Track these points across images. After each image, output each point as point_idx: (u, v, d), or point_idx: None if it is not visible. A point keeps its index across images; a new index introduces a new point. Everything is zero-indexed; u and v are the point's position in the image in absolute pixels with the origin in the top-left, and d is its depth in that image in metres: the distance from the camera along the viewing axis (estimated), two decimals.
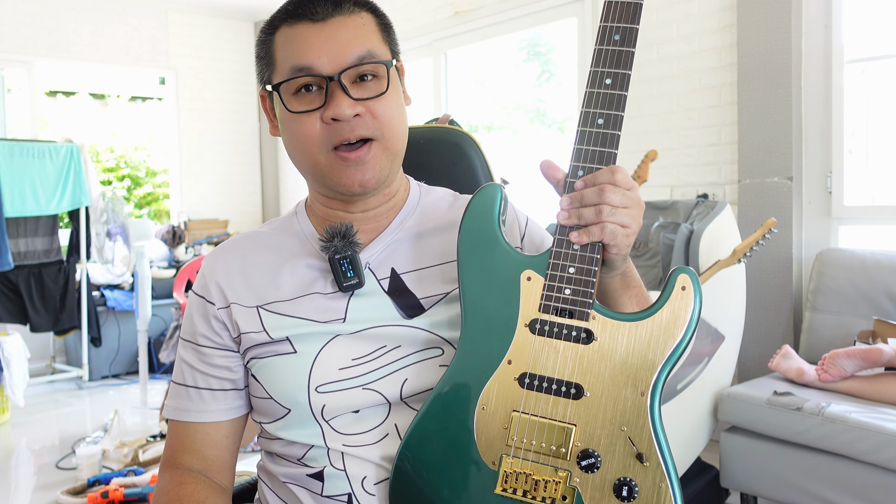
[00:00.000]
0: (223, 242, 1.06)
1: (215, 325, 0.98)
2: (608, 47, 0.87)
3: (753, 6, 3.03)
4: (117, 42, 5.45)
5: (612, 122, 0.88)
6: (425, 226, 1.03)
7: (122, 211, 4.50)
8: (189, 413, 0.99)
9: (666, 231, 2.75)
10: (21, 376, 3.84)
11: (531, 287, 0.87)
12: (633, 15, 0.87)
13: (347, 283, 0.95)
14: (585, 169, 0.88)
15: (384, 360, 0.94)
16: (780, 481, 2.27)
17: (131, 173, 7.18)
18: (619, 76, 0.86)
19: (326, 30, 0.91)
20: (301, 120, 0.92)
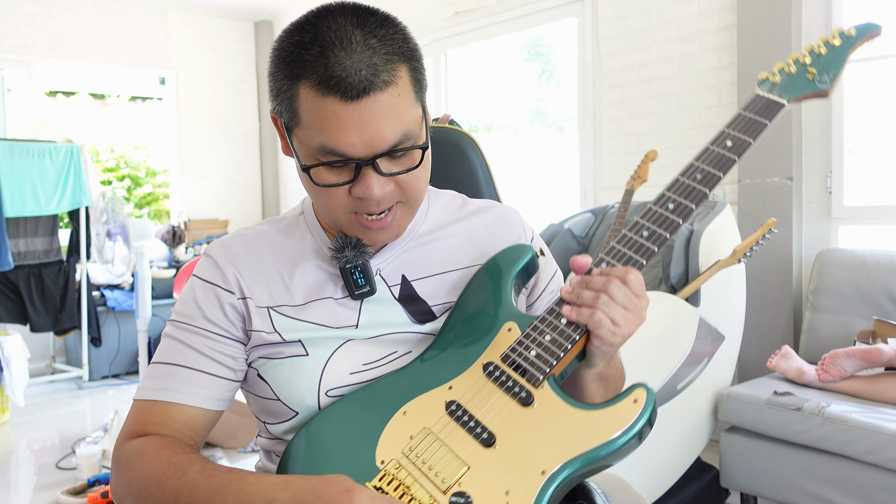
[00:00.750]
0: (229, 236, 1.02)
1: (230, 314, 0.95)
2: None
3: (753, 6, 3.03)
4: (117, 42, 5.45)
5: (655, 240, 0.90)
6: (435, 232, 1.04)
7: (122, 211, 4.50)
8: (175, 393, 0.92)
9: None
10: (21, 376, 3.84)
11: (507, 336, 0.91)
12: (752, 129, 0.93)
13: (359, 291, 0.95)
14: (609, 263, 0.91)
15: (395, 364, 0.94)
16: (780, 481, 2.27)
17: (131, 173, 7.18)
18: (689, 201, 0.92)
19: (361, 111, 0.82)
20: (327, 191, 0.88)
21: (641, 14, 3.51)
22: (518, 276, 0.97)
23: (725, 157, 0.93)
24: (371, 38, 0.82)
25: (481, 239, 1.05)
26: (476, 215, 1.08)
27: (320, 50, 0.81)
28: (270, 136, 6.21)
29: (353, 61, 0.81)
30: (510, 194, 4.75)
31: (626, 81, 3.60)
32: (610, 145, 3.70)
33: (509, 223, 1.08)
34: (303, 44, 0.83)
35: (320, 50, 0.81)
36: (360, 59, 0.81)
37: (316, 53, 0.81)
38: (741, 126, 0.95)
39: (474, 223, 1.06)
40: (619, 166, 3.64)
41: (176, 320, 0.97)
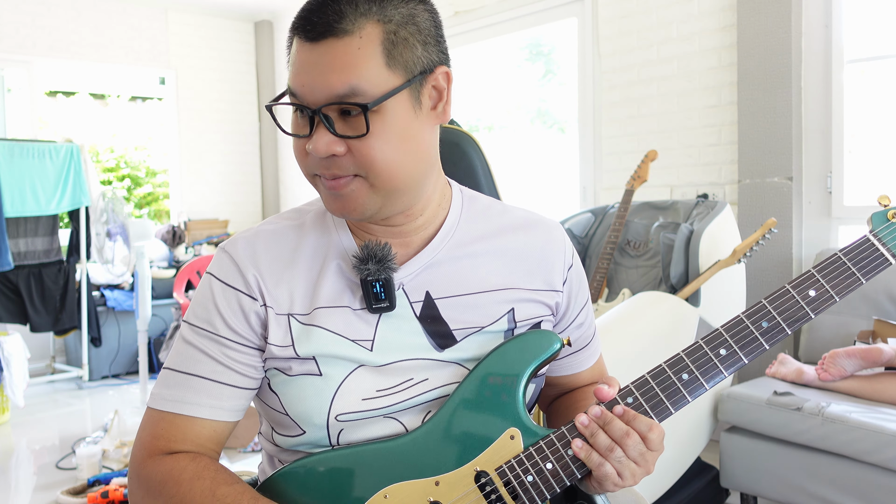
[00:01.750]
0: (249, 232, 0.96)
1: (253, 322, 0.90)
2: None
3: (753, 6, 3.03)
4: (117, 42, 5.45)
5: (692, 389, 0.85)
6: (468, 247, 0.95)
7: (122, 211, 4.50)
8: (199, 407, 0.89)
9: (666, 231, 2.74)
10: (21, 376, 3.83)
11: (508, 446, 0.86)
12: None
13: (378, 305, 0.89)
14: (636, 401, 0.85)
15: (409, 392, 0.89)
16: (780, 481, 2.27)
17: (131, 173, 7.18)
18: (743, 350, 0.86)
19: (315, 54, 0.81)
20: (295, 141, 0.87)
21: (641, 14, 3.51)
22: (538, 368, 0.90)
23: (801, 312, 0.84)
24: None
25: (518, 261, 0.96)
26: (518, 231, 0.99)
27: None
28: (270, 136, 6.21)
29: (322, 4, 0.81)
30: (510, 194, 4.75)
31: (626, 81, 3.60)
32: (610, 145, 3.70)
33: (549, 251, 0.99)
34: None
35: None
36: (332, 4, 0.81)
37: (304, 4, 0.83)
38: (832, 273, 0.85)
39: (515, 240, 0.98)
40: (619, 166, 3.64)
41: (195, 325, 0.92)
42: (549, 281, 0.97)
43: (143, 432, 0.91)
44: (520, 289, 0.95)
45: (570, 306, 1.01)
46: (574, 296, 1.01)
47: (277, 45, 6.12)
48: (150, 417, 0.91)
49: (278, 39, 6.11)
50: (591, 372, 1.08)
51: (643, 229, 2.89)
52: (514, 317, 0.94)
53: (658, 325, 2.27)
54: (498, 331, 0.93)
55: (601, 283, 2.83)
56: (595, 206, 3.65)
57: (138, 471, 0.89)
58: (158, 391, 0.91)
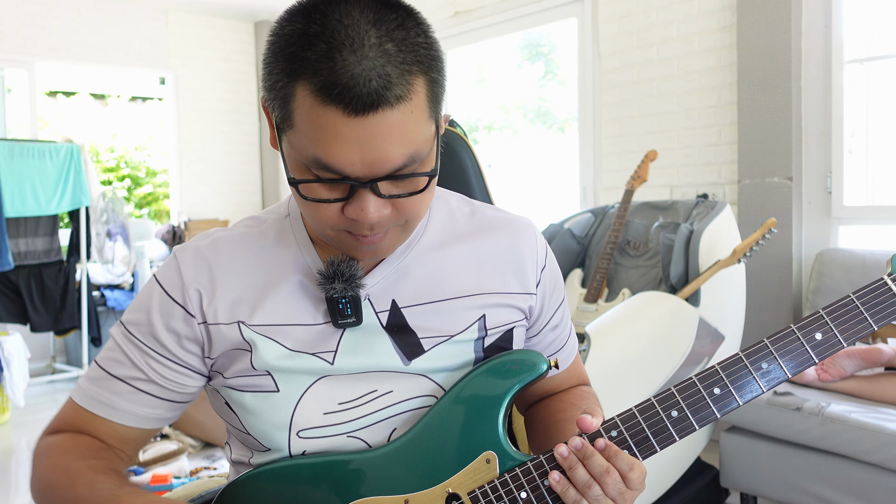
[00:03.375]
0: (203, 239, 0.90)
1: (184, 341, 0.86)
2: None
3: (753, 6, 3.03)
4: (117, 42, 5.45)
5: (682, 428, 0.81)
6: (436, 252, 0.90)
7: (123, 211, 4.50)
8: (108, 409, 0.87)
9: (666, 231, 2.75)
10: (21, 376, 3.84)
11: (482, 469, 0.83)
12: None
13: (343, 321, 0.84)
14: (620, 434, 0.82)
15: (373, 406, 0.85)
16: (780, 481, 2.27)
17: (131, 173, 7.19)
18: (739, 392, 0.82)
19: (365, 128, 0.69)
20: (317, 205, 0.76)
21: (641, 14, 3.51)
22: (521, 390, 0.85)
23: (804, 356, 0.81)
24: (387, 41, 0.69)
25: (484, 264, 0.91)
26: (487, 233, 0.93)
27: (326, 48, 0.68)
28: None
29: (364, 69, 0.68)
30: (510, 194, 4.75)
31: (626, 81, 3.60)
32: (610, 145, 3.70)
33: (521, 252, 0.93)
34: (307, 36, 0.69)
35: (326, 48, 0.68)
36: (372, 66, 0.68)
37: (321, 52, 0.68)
38: (842, 316, 0.81)
39: (485, 243, 0.92)
40: (619, 166, 3.64)
41: (127, 326, 0.88)
42: (522, 283, 0.92)
43: (56, 416, 0.91)
44: (490, 293, 0.90)
45: (544, 308, 0.96)
46: (548, 297, 0.96)
47: None
48: (67, 405, 0.90)
49: None
50: (569, 373, 1.03)
51: (643, 229, 2.89)
52: (486, 324, 0.89)
53: (658, 325, 2.27)
54: (468, 339, 0.88)
55: (601, 283, 2.83)
56: (595, 206, 3.65)
57: (36, 447, 0.90)
58: (82, 382, 0.89)
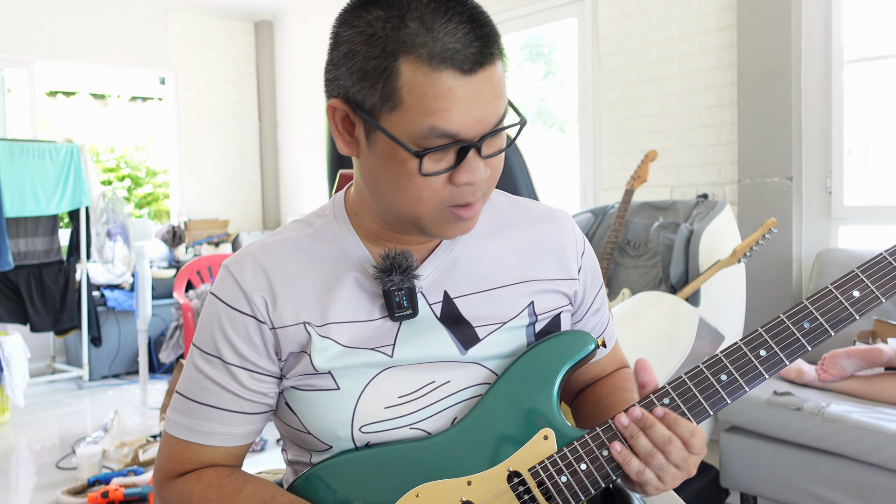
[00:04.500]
0: (253, 248, 0.92)
1: (261, 349, 0.88)
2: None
3: (753, 6, 3.03)
4: (117, 42, 5.45)
5: (731, 390, 0.83)
6: (479, 242, 0.94)
7: (122, 211, 4.50)
8: (212, 436, 0.89)
9: (666, 231, 2.75)
10: (21, 376, 3.84)
11: (541, 446, 0.84)
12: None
13: (400, 313, 0.86)
14: (673, 402, 0.83)
15: (432, 397, 0.87)
16: (780, 481, 2.27)
17: (131, 173, 7.18)
18: (785, 352, 0.83)
19: (475, 84, 0.75)
20: (427, 180, 0.79)
21: (641, 14, 3.51)
22: (572, 369, 0.88)
23: (845, 313, 0.82)
24: (469, 6, 0.77)
25: (529, 253, 0.95)
26: (528, 223, 0.97)
27: (420, 23, 0.74)
28: (270, 136, 6.21)
29: (465, 32, 0.74)
30: None
31: (626, 81, 3.60)
32: (610, 145, 3.70)
33: (561, 240, 0.97)
34: (393, 17, 0.75)
35: (420, 23, 0.74)
36: (470, 30, 0.75)
37: (416, 27, 0.74)
38: (878, 273, 0.83)
39: (526, 233, 0.96)
40: (619, 166, 3.64)
41: (203, 350, 0.89)
42: (565, 269, 0.96)
43: (160, 455, 0.92)
44: (537, 280, 0.93)
45: (587, 293, 1.00)
46: (589, 282, 1.00)
47: (277, 45, 6.12)
48: (166, 441, 0.92)
49: (278, 39, 6.11)
50: (611, 357, 1.06)
51: (643, 229, 2.89)
52: (535, 310, 0.92)
53: (658, 324, 2.27)
54: (519, 326, 0.91)
55: None
56: (595, 206, 3.65)
57: (158, 493, 0.92)
58: (173, 416, 0.91)
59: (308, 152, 5.90)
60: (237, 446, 0.91)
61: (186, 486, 0.88)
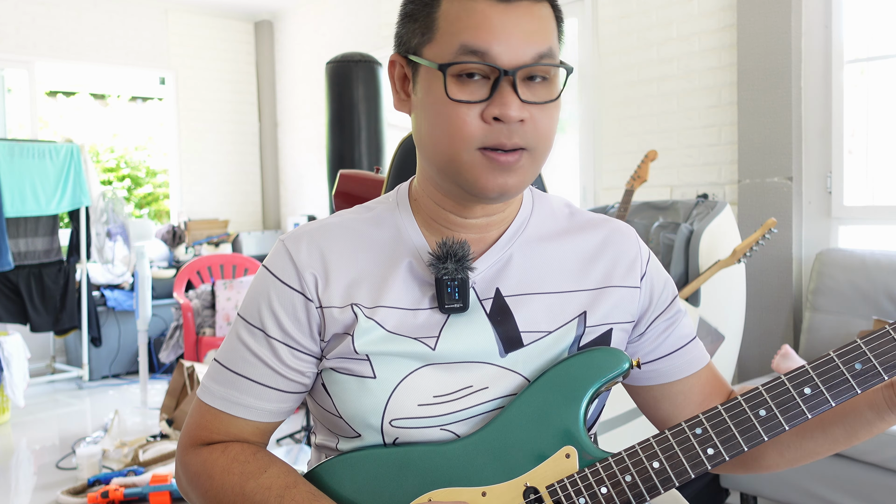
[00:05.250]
0: (311, 226, 0.92)
1: (306, 327, 0.88)
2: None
3: (753, 6, 3.03)
4: (117, 42, 5.45)
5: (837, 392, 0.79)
6: (539, 244, 0.92)
7: (122, 211, 4.50)
8: (245, 409, 0.89)
9: (666, 231, 2.75)
10: (21, 376, 3.84)
11: (562, 464, 0.82)
12: None
13: (450, 305, 0.85)
14: (706, 432, 0.82)
15: (467, 401, 0.85)
16: (780, 481, 2.27)
17: (131, 173, 7.18)
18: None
19: (511, 13, 0.78)
20: (458, 110, 0.79)
21: (641, 14, 3.51)
22: (602, 387, 0.85)
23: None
24: None
25: (591, 262, 0.92)
26: (587, 230, 0.95)
27: None
28: (270, 136, 6.21)
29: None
30: None
31: (626, 81, 3.60)
32: (610, 145, 3.70)
33: (623, 247, 0.94)
34: None
35: None
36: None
37: None
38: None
39: (585, 240, 0.94)
40: (619, 166, 3.64)
41: (248, 321, 0.89)
42: (626, 278, 0.92)
43: (190, 420, 0.92)
44: (592, 290, 0.91)
45: (653, 304, 0.95)
46: (657, 292, 0.95)
47: (277, 45, 6.12)
48: (199, 408, 0.91)
49: (278, 39, 6.11)
50: (699, 381, 0.97)
51: (643, 229, 2.89)
52: (585, 320, 0.89)
53: None
54: (565, 337, 0.88)
55: None
56: (595, 206, 3.65)
57: (181, 457, 0.91)
58: (208, 384, 0.91)
59: (308, 152, 5.90)
60: (267, 423, 0.91)
61: (210, 456, 0.88)
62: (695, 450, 0.80)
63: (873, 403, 0.83)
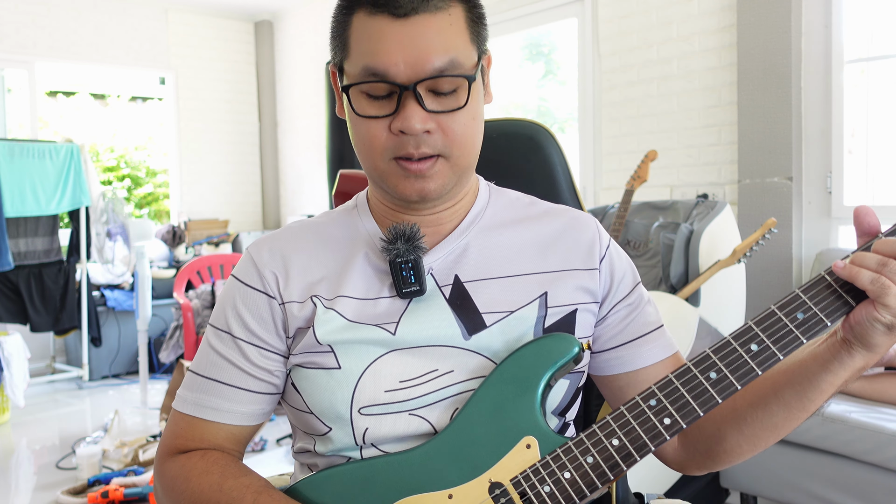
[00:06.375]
0: (273, 232, 0.97)
1: (269, 324, 0.90)
2: None
3: (753, 6, 3.03)
4: (117, 42, 5.45)
5: (724, 386, 0.79)
6: (496, 230, 0.95)
7: (122, 211, 4.50)
8: (216, 412, 0.90)
9: (666, 231, 2.75)
10: (21, 376, 3.84)
11: (523, 455, 0.82)
12: None
13: (407, 289, 0.87)
14: (660, 402, 0.80)
15: (434, 385, 0.86)
16: (780, 481, 2.27)
17: (131, 173, 7.18)
18: None
19: (408, 29, 0.80)
20: (367, 125, 0.84)
21: (641, 14, 3.51)
22: (556, 374, 0.85)
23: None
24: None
25: (549, 246, 0.94)
26: (545, 218, 0.97)
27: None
28: (270, 136, 6.21)
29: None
30: None
31: (626, 81, 3.60)
32: (610, 145, 3.70)
33: (581, 232, 0.95)
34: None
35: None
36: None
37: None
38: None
39: (542, 226, 0.96)
40: (619, 166, 3.64)
41: (216, 327, 0.93)
42: (584, 260, 0.93)
43: (166, 430, 0.93)
44: (552, 271, 0.92)
45: (613, 287, 0.95)
46: (618, 277, 0.95)
47: (277, 45, 6.12)
48: (173, 417, 0.93)
49: (278, 39, 6.11)
50: (666, 370, 0.95)
51: (643, 229, 2.89)
52: (547, 301, 0.90)
53: None
54: (528, 317, 0.89)
55: None
56: (595, 206, 3.65)
57: (158, 468, 0.92)
58: (182, 393, 0.93)
59: (308, 152, 5.90)
60: (240, 427, 0.92)
61: (189, 461, 0.89)
62: (651, 421, 0.79)
63: (817, 355, 0.81)
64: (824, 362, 0.81)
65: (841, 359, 0.80)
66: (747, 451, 0.91)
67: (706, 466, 0.95)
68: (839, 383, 0.82)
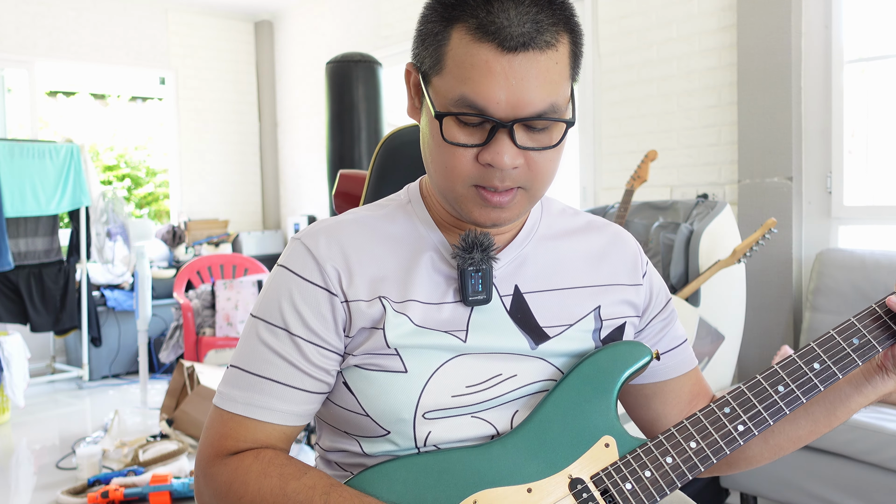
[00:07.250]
0: (326, 222, 0.91)
1: (331, 322, 0.86)
2: None
3: (753, 6, 3.03)
4: (117, 42, 5.45)
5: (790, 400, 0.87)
6: (551, 242, 0.95)
7: (123, 211, 4.50)
8: (270, 412, 0.85)
9: (666, 231, 2.75)
10: (21, 376, 3.84)
11: (602, 453, 0.84)
12: None
13: (474, 297, 0.86)
14: (734, 411, 0.86)
15: (499, 389, 0.86)
16: (780, 481, 2.27)
17: (131, 173, 7.19)
18: None
19: (514, 66, 0.75)
20: (454, 150, 0.80)
21: (641, 14, 3.51)
22: (629, 378, 0.89)
23: None
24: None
25: (599, 260, 0.96)
26: (591, 231, 0.98)
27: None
28: (270, 136, 6.21)
29: (519, 13, 0.75)
30: None
31: (626, 81, 3.60)
32: (610, 145, 3.70)
33: (626, 247, 0.99)
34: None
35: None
36: (527, 11, 0.76)
37: (487, 6, 0.76)
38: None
39: (591, 239, 0.97)
40: (619, 166, 3.65)
41: (268, 321, 0.87)
42: (630, 276, 0.97)
43: (210, 431, 0.87)
44: (604, 286, 0.94)
45: (652, 301, 0.99)
46: (655, 291, 0.99)
47: (277, 45, 6.12)
48: (219, 417, 0.87)
49: (278, 39, 6.11)
50: (689, 381, 1.02)
51: (643, 229, 2.89)
52: (601, 314, 0.93)
53: None
54: (586, 329, 0.91)
55: None
56: (595, 206, 3.65)
57: (205, 471, 0.87)
58: (227, 391, 0.87)
59: (308, 152, 5.90)
60: (292, 427, 0.87)
61: (243, 463, 0.84)
62: (727, 427, 0.85)
63: (851, 378, 0.91)
64: (858, 385, 0.91)
65: (874, 383, 0.90)
66: (768, 458, 0.98)
67: (722, 471, 1.01)
68: (866, 403, 0.92)
